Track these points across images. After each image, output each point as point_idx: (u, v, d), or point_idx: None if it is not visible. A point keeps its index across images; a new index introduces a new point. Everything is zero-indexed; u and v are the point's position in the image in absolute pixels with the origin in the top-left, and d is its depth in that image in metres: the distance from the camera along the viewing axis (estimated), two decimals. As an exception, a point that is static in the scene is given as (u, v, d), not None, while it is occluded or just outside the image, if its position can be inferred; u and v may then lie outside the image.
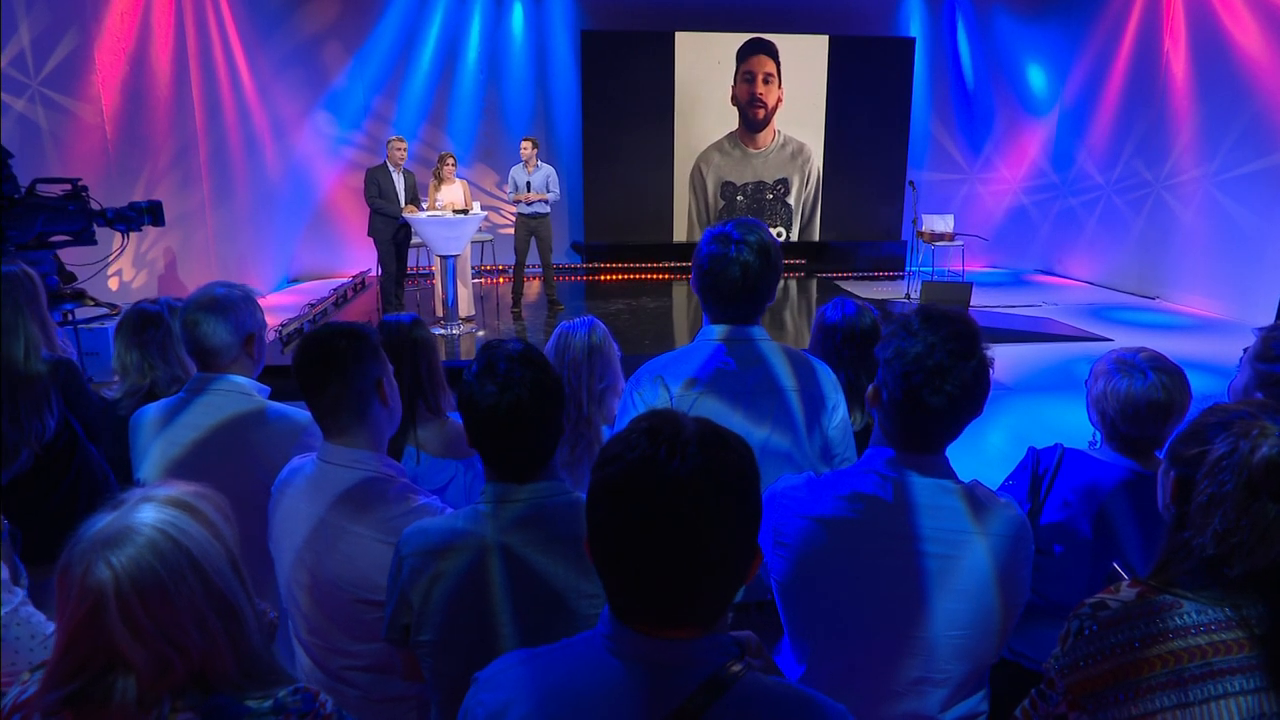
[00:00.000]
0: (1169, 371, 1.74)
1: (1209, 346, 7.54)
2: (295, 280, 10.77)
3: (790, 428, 1.69)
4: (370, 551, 1.41)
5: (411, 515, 1.43)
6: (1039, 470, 1.86)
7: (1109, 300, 9.91)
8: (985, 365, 1.29)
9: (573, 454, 2.06)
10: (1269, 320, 8.21)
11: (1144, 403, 1.70)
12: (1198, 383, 6.95)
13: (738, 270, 1.65)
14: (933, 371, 1.25)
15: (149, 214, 3.32)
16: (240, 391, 1.76)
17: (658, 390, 1.70)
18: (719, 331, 1.73)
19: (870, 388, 1.37)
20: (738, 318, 1.72)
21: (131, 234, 3.66)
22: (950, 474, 1.36)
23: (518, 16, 10.70)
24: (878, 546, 1.31)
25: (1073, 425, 5.57)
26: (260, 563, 1.55)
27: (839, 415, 1.77)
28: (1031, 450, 1.91)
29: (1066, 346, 7.63)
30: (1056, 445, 1.89)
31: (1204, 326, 8.53)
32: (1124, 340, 7.78)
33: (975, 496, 1.34)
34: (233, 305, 1.74)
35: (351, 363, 1.46)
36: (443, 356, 6.88)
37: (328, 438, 1.50)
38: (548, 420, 1.33)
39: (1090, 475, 1.79)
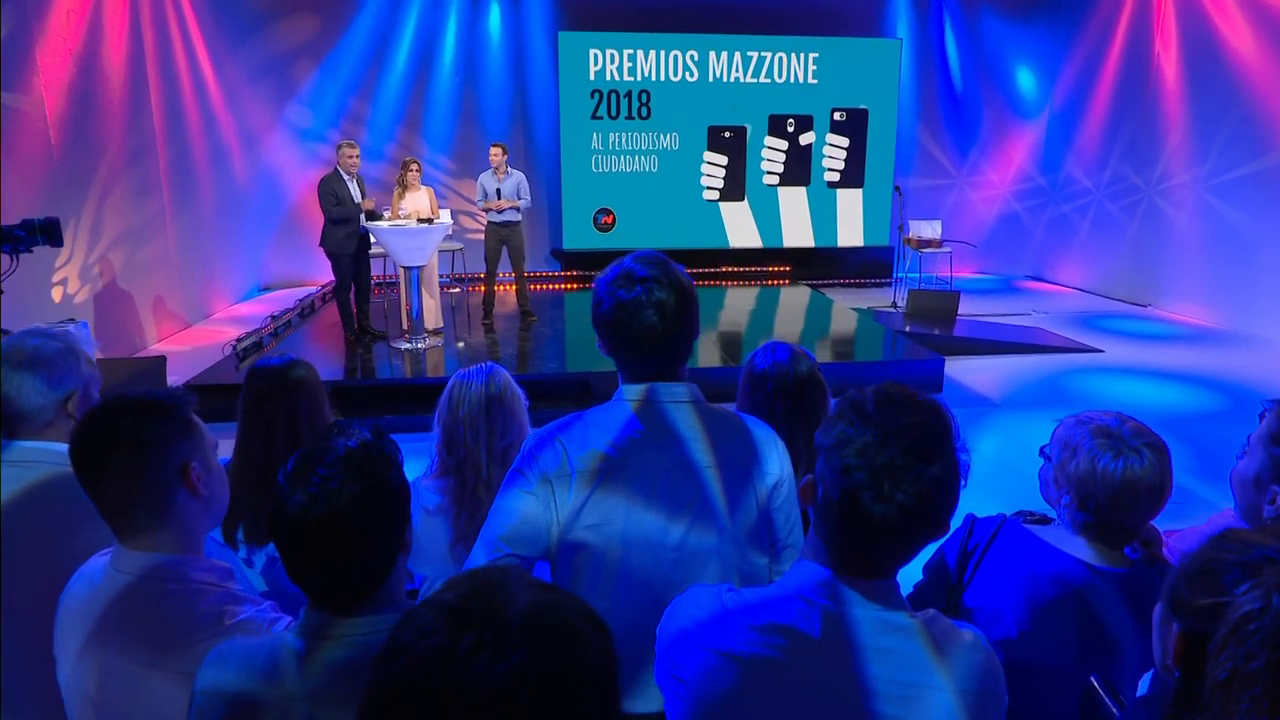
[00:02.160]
0: (1158, 449, 1.41)
1: (1202, 358, 7.30)
2: (266, 288, 10.48)
3: (712, 518, 1.35)
4: (169, 696, 1.11)
5: (226, 637, 1.12)
6: (969, 545, 1.54)
7: (1100, 308, 9.67)
8: (954, 472, 0.99)
9: (470, 524, 1.77)
10: (1264, 330, 8.02)
11: (1142, 487, 1.38)
12: (1193, 399, 6.61)
13: (653, 315, 1.32)
14: (882, 470, 0.95)
15: (43, 233, 3.01)
16: (49, 460, 1.42)
17: (558, 458, 1.36)
18: (636, 392, 1.39)
19: (804, 479, 1.07)
20: (659, 373, 1.39)
21: (20, 254, 3.33)
22: (903, 604, 1.05)
23: (494, 18, 10.43)
24: (807, 700, 1.01)
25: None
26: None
27: (783, 493, 1.41)
28: (969, 519, 1.59)
29: (1056, 359, 7.37)
30: (998, 516, 1.58)
31: (1197, 336, 8.29)
32: (1115, 352, 7.53)
33: (934, 635, 1.03)
34: (47, 360, 1.43)
35: (143, 448, 1.15)
36: (408, 373, 6.61)
37: (120, 540, 1.19)
38: (374, 541, 1.03)
39: (1031, 563, 1.47)
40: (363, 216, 6.76)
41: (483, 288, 7.95)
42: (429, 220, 6.77)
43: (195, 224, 8.58)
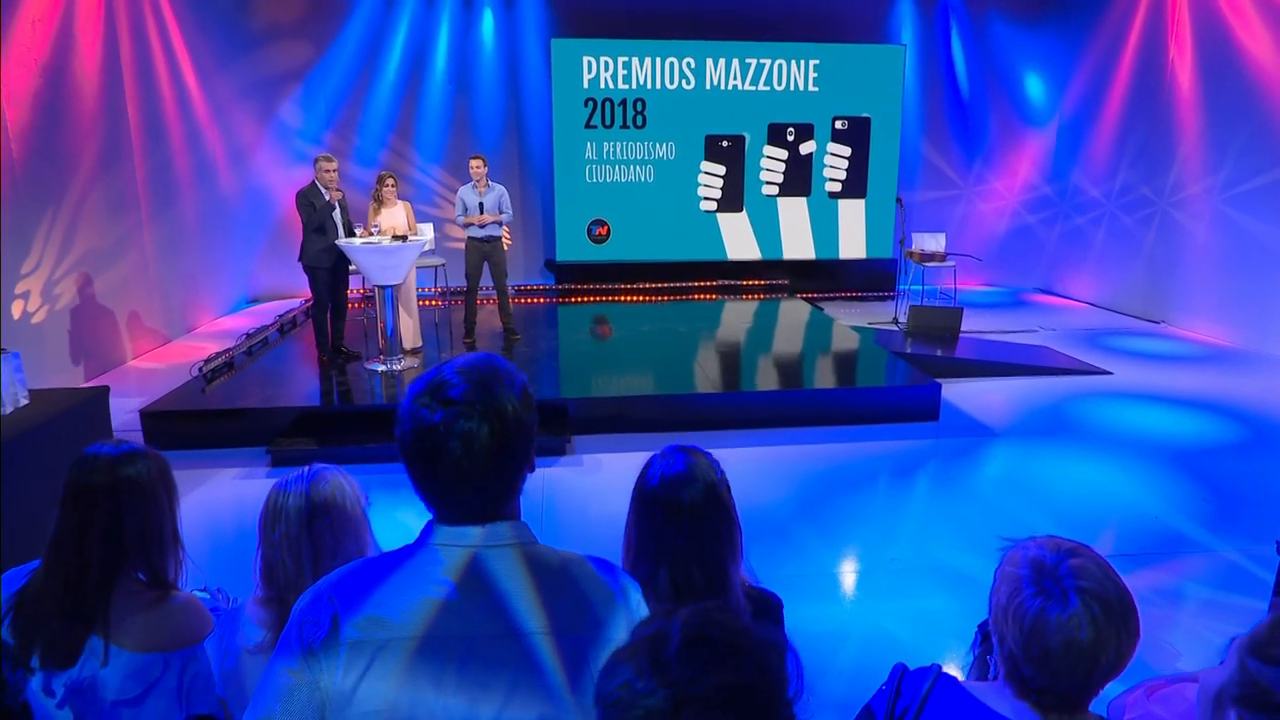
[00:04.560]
0: (1100, 598, 1.08)
1: (1216, 381, 6.93)
2: (255, 300, 10.29)
3: (541, 686, 1.03)
4: None
5: None
6: (896, 708, 1.25)
7: (1111, 324, 9.30)
8: None
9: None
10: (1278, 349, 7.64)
11: (1057, 642, 1.08)
12: (1206, 428, 6.13)
13: (458, 446, 1.03)
14: None
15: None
16: None
17: (326, 625, 1.04)
18: (447, 536, 1.09)
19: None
20: (470, 515, 1.09)
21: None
22: None
23: (487, 25, 10.21)
24: None
25: (1066, 480, 5.00)
26: None
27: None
28: (897, 670, 1.31)
29: (1062, 382, 7.02)
30: (932, 667, 1.29)
31: (1211, 357, 7.91)
32: (1124, 374, 7.18)
33: None
34: None
35: None
36: (384, 398, 6.32)
37: None
38: None
39: None
40: (340, 230, 6.53)
41: (464, 301, 7.70)
42: (404, 237, 6.52)
43: (176, 237, 8.37)
